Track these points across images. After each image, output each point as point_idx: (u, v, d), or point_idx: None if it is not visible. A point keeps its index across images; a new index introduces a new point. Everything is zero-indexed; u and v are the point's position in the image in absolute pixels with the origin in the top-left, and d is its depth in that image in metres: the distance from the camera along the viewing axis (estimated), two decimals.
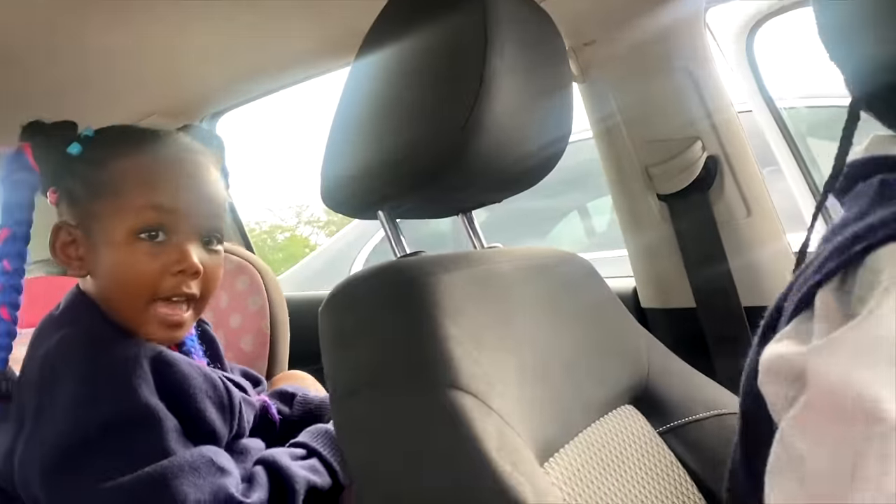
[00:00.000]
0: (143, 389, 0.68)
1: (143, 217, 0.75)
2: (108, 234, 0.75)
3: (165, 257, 0.75)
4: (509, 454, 0.56)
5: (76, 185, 0.78)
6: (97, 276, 0.77)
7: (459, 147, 0.66)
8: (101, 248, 0.75)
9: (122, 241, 0.75)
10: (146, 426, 0.67)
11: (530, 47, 0.73)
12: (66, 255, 0.78)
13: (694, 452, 0.83)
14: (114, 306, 0.77)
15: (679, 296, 1.28)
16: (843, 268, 0.36)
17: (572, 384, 0.75)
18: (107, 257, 0.75)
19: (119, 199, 0.75)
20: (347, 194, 0.77)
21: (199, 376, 0.74)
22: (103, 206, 0.76)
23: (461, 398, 0.57)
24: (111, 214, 0.75)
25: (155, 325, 0.76)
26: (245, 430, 0.81)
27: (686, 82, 1.15)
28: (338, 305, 0.67)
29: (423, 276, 0.66)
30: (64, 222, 0.78)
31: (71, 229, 0.77)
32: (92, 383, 0.68)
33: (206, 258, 0.79)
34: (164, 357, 0.72)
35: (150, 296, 0.75)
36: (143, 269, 0.75)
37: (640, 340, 0.90)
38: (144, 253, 0.75)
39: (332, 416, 0.64)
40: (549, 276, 0.83)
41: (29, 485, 0.67)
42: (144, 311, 0.76)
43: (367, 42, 0.75)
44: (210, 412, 0.74)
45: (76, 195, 0.78)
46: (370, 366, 0.62)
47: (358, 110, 0.75)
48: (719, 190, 1.21)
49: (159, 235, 0.75)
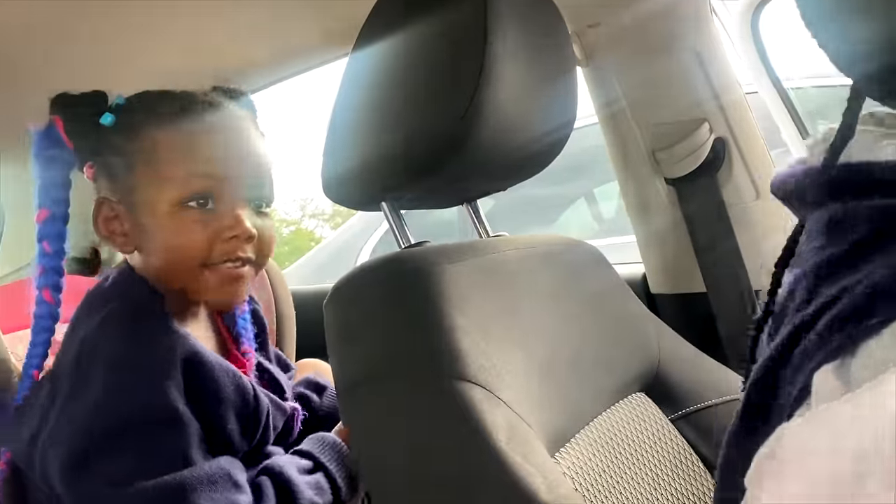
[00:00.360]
0: (173, 391, 0.67)
1: (189, 185, 0.72)
2: (153, 205, 0.73)
3: (217, 224, 0.73)
4: (519, 445, 0.55)
5: (113, 158, 0.75)
6: (145, 250, 0.75)
7: (461, 135, 0.65)
8: (147, 220, 0.73)
9: (169, 212, 0.72)
10: (171, 429, 0.66)
11: (532, 32, 0.71)
12: (109, 231, 0.76)
13: (706, 439, 0.82)
14: (167, 277, 0.75)
15: (689, 281, 1.27)
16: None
17: (582, 373, 0.75)
18: (155, 229, 0.73)
19: (160, 168, 0.73)
20: (350, 187, 0.76)
21: (230, 385, 0.72)
22: (144, 177, 0.73)
23: (470, 390, 0.56)
24: (153, 185, 0.73)
25: (214, 286, 0.74)
26: (270, 438, 0.79)
27: (692, 63, 1.13)
28: (342, 298, 0.66)
29: (427, 266, 0.65)
30: (104, 197, 0.76)
31: (112, 204, 0.75)
32: (125, 376, 0.67)
33: (259, 222, 0.76)
34: (200, 359, 0.70)
35: (202, 262, 0.73)
36: (195, 237, 0.72)
37: (649, 327, 0.89)
38: (194, 221, 0.72)
39: (340, 410, 0.63)
40: (556, 264, 0.82)
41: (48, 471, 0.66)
42: (200, 276, 0.74)
43: (364, 32, 0.74)
44: (232, 424, 0.72)
45: (114, 168, 0.75)
46: (376, 358, 0.62)
47: (358, 102, 0.74)
48: (727, 172, 1.19)
49: (209, 203, 0.73)
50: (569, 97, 0.79)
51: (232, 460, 0.70)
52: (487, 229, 0.92)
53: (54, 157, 0.75)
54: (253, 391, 0.75)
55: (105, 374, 0.66)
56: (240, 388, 0.73)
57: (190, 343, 0.71)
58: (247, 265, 0.76)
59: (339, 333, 0.65)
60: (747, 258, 1.18)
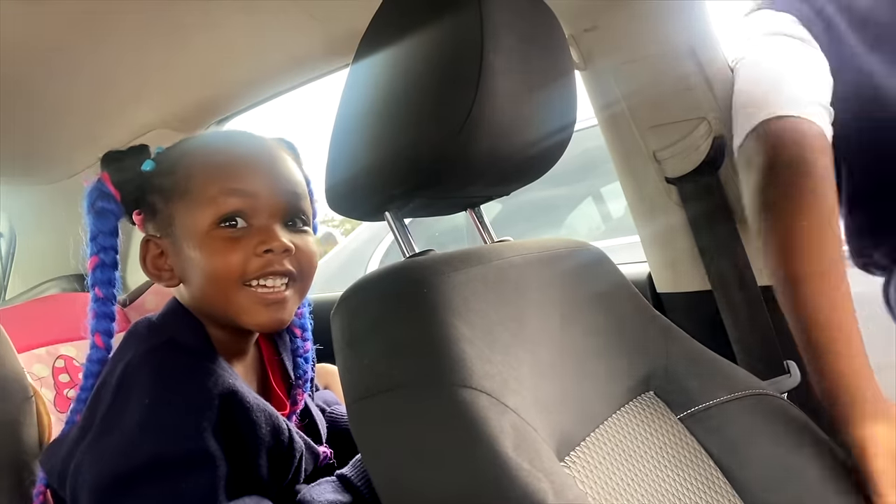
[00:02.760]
0: (207, 431, 0.67)
1: (218, 206, 0.74)
2: (189, 231, 0.75)
3: (248, 240, 0.74)
4: (526, 451, 0.55)
5: (154, 198, 0.79)
6: (188, 278, 0.78)
7: (462, 143, 0.65)
8: (185, 247, 0.76)
9: (203, 234, 0.74)
10: (201, 469, 0.66)
11: (529, 37, 0.72)
12: (157, 269, 0.80)
13: (716, 436, 0.82)
14: (209, 301, 0.77)
15: (694, 279, 1.27)
16: None
17: (590, 376, 0.75)
18: (192, 254, 0.75)
19: (192, 194, 0.76)
20: (353, 197, 0.77)
21: (266, 425, 0.73)
22: (179, 206, 0.76)
23: (475, 397, 0.57)
24: (187, 211, 0.76)
25: (254, 308, 0.75)
26: (301, 479, 0.80)
27: (689, 63, 1.14)
28: (349, 309, 0.67)
29: (431, 275, 0.65)
30: (151, 236, 0.79)
31: (157, 241, 0.79)
32: (160, 412, 0.67)
33: (295, 238, 0.77)
34: (238, 398, 0.71)
35: (239, 279, 0.74)
36: (229, 255, 0.74)
37: (656, 326, 0.89)
38: (226, 239, 0.74)
39: (349, 420, 0.64)
40: (560, 267, 0.82)
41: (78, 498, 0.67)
42: (238, 296, 0.75)
43: (363, 43, 0.75)
44: (263, 465, 0.73)
45: (156, 207, 0.79)
46: (383, 369, 0.62)
47: (358, 112, 0.74)
48: (729, 170, 1.19)
49: (238, 222, 0.75)
50: (568, 101, 0.80)
51: (259, 500, 0.71)
52: (492, 235, 0.93)
53: (104, 208, 0.79)
54: (288, 433, 0.76)
55: (140, 409, 0.67)
56: (276, 430, 0.74)
57: (230, 381, 0.72)
58: (289, 286, 0.77)
59: (346, 344, 0.65)
60: (751, 255, 1.19)
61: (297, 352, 0.91)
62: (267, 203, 0.76)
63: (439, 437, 0.57)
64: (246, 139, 0.81)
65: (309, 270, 0.79)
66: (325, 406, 0.99)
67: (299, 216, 0.80)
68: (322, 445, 0.87)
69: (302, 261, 0.78)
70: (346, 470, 0.82)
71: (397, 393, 0.60)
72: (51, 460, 0.74)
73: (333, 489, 0.80)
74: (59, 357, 1.14)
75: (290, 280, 0.77)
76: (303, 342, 0.92)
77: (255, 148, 0.80)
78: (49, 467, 0.74)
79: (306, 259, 0.78)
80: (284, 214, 0.78)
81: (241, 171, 0.76)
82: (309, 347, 0.93)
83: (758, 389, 0.86)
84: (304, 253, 0.78)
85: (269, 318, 0.76)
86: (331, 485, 0.81)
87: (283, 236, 0.75)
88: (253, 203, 0.75)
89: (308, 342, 0.93)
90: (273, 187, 0.77)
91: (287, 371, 0.89)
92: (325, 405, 0.99)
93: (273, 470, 0.74)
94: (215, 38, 1.14)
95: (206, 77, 1.29)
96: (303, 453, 0.78)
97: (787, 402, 0.86)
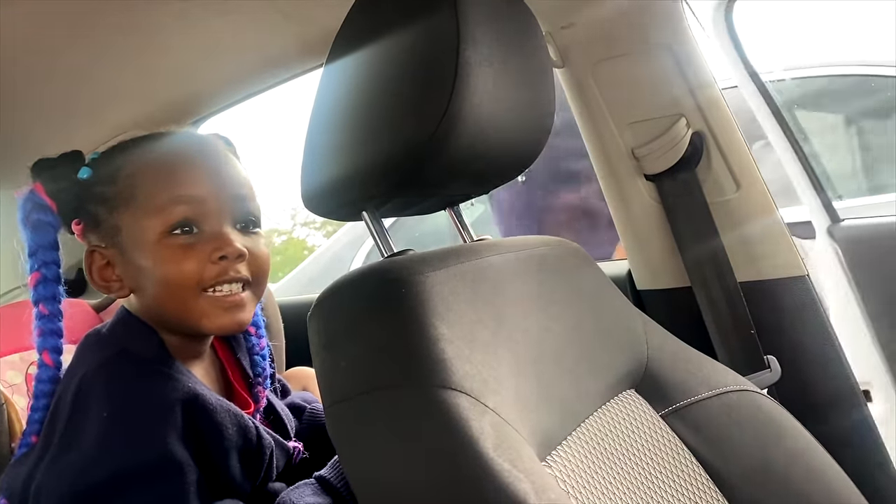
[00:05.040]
0: (171, 437, 0.65)
1: (168, 215, 0.72)
2: (138, 241, 0.73)
3: (203, 245, 0.73)
4: (507, 451, 0.55)
5: (96, 208, 0.76)
6: (139, 288, 0.75)
7: (439, 140, 0.65)
8: (135, 257, 0.73)
9: (154, 243, 0.72)
10: (168, 477, 0.65)
11: (505, 35, 0.71)
12: (104, 280, 0.76)
13: (698, 433, 0.82)
14: (165, 310, 0.75)
15: (673, 276, 1.28)
16: None
17: (570, 374, 0.75)
18: (143, 264, 0.73)
19: (138, 202, 0.73)
20: (329, 197, 0.76)
21: (231, 426, 0.72)
22: (125, 215, 0.74)
23: (455, 398, 0.56)
24: (135, 221, 0.73)
25: (213, 312, 0.73)
26: (273, 476, 0.79)
27: (666, 60, 1.14)
28: (325, 311, 0.66)
29: (409, 275, 0.65)
30: (94, 246, 0.76)
31: (102, 251, 0.76)
32: (120, 424, 0.65)
33: (248, 241, 0.76)
34: (201, 401, 0.70)
35: (196, 286, 0.72)
36: (184, 263, 0.72)
37: (637, 323, 0.89)
38: (178, 247, 0.72)
39: (327, 422, 0.63)
40: (540, 265, 0.82)
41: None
42: (197, 302, 0.73)
43: (337, 42, 0.74)
44: (234, 465, 0.72)
45: (98, 217, 0.76)
46: (361, 370, 0.61)
47: (333, 112, 0.74)
48: (707, 166, 1.20)
49: (192, 229, 0.73)
50: (546, 98, 0.80)
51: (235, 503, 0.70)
52: (471, 234, 0.92)
53: (40, 220, 0.75)
54: (256, 431, 0.75)
55: (98, 423, 0.65)
56: (243, 430, 0.73)
57: (190, 385, 0.70)
58: (245, 289, 0.76)
59: (323, 347, 0.64)
60: (730, 251, 1.19)
61: (254, 349, 0.89)
62: (217, 207, 0.74)
63: (419, 439, 0.57)
64: (189, 140, 0.79)
65: (264, 273, 0.78)
66: (305, 404, 0.98)
67: (250, 218, 0.78)
68: (291, 440, 0.86)
69: (256, 265, 0.77)
70: (324, 471, 0.81)
71: (376, 395, 0.60)
72: (10, 483, 0.70)
73: (313, 492, 0.79)
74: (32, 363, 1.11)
75: (246, 284, 0.76)
76: (258, 339, 0.90)
77: (200, 150, 0.78)
78: (9, 491, 0.70)
79: (260, 262, 0.77)
80: (236, 217, 0.76)
81: (188, 176, 0.74)
82: (264, 344, 0.91)
83: (738, 385, 0.86)
84: (258, 256, 0.77)
85: (231, 321, 0.75)
86: (310, 487, 0.79)
87: (236, 241, 0.74)
88: (203, 209, 0.73)
89: (263, 339, 0.91)
90: (223, 190, 0.75)
91: (245, 370, 0.88)
92: (305, 402, 0.98)
93: (245, 470, 0.73)
94: (189, 37, 1.12)
95: (180, 77, 1.28)
96: (273, 450, 0.77)
97: (767, 397, 0.87)
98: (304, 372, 1.15)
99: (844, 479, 0.81)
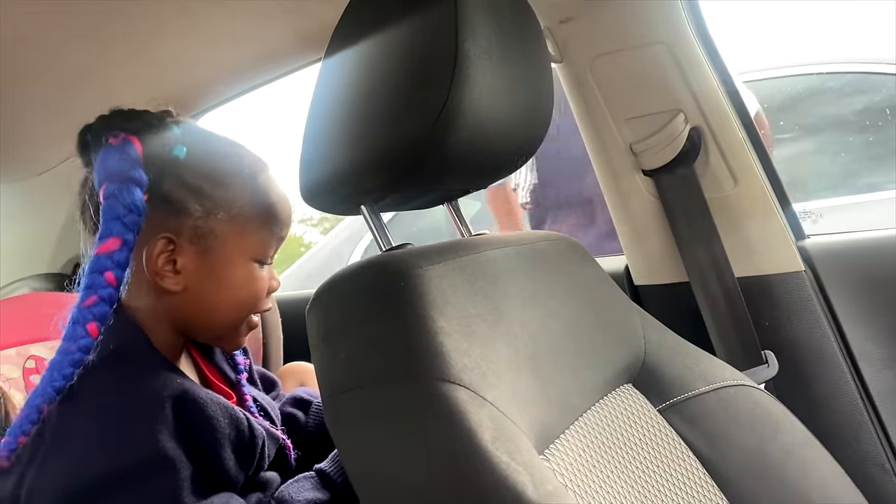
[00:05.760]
0: (163, 434, 0.65)
1: (264, 249, 0.79)
2: (229, 255, 0.75)
3: (269, 282, 0.80)
4: (505, 444, 0.55)
5: (186, 196, 0.73)
6: (196, 291, 0.75)
7: (438, 136, 0.64)
8: (219, 267, 0.75)
9: (241, 263, 0.77)
10: (161, 475, 0.64)
11: (504, 30, 0.71)
12: (160, 268, 0.73)
13: (695, 428, 0.82)
14: (201, 320, 0.77)
15: (671, 271, 1.28)
16: None
17: (568, 368, 0.75)
18: (225, 276, 0.76)
19: (243, 224, 0.76)
20: (327, 191, 0.75)
21: (223, 418, 0.72)
22: (226, 225, 0.75)
23: (453, 391, 0.56)
24: (235, 237, 0.76)
25: (244, 334, 0.81)
26: (265, 466, 0.79)
27: (664, 55, 1.14)
28: (323, 304, 0.66)
29: (407, 269, 0.65)
30: (169, 235, 0.73)
31: (177, 242, 0.73)
32: (111, 423, 0.65)
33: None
34: (191, 396, 0.69)
35: (250, 311, 0.79)
36: (257, 290, 0.78)
37: (635, 318, 0.89)
38: (257, 276, 0.78)
39: (325, 415, 0.63)
40: (539, 260, 0.82)
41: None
42: (241, 326, 0.80)
43: (336, 35, 0.74)
44: (228, 458, 0.72)
45: (186, 207, 0.73)
46: (359, 364, 0.61)
47: (331, 106, 0.73)
48: (705, 162, 1.20)
49: (265, 263, 0.80)
50: (544, 93, 0.79)
51: (229, 496, 0.70)
52: (469, 228, 0.92)
53: (135, 178, 0.70)
54: (247, 421, 0.75)
55: (89, 422, 0.65)
56: (234, 421, 0.73)
57: (178, 381, 0.70)
58: None
59: (322, 339, 0.64)
60: (728, 245, 1.19)
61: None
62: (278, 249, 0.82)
63: (417, 432, 0.57)
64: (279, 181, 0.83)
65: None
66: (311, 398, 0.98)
67: None
68: (278, 429, 0.86)
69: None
70: (324, 465, 0.81)
71: (374, 388, 0.60)
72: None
73: (313, 486, 0.79)
74: (29, 357, 1.12)
75: None
76: None
77: (286, 194, 0.83)
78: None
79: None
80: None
81: (286, 217, 0.81)
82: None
83: (736, 380, 0.86)
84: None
85: (241, 344, 0.83)
86: (310, 481, 0.80)
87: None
88: (277, 249, 0.82)
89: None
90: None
91: (219, 364, 0.88)
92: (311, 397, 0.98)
93: (239, 461, 0.73)
94: (188, 31, 1.12)
95: (179, 71, 1.27)
96: (264, 439, 0.78)
97: (765, 392, 0.87)
98: (301, 367, 1.15)
99: (840, 474, 0.82)
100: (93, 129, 0.74)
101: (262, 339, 1.37)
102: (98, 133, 0.73)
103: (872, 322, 1.14)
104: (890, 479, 1.11)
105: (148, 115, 0.74)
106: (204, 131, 0.81)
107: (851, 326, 1.14)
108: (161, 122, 0.75)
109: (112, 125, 0.73)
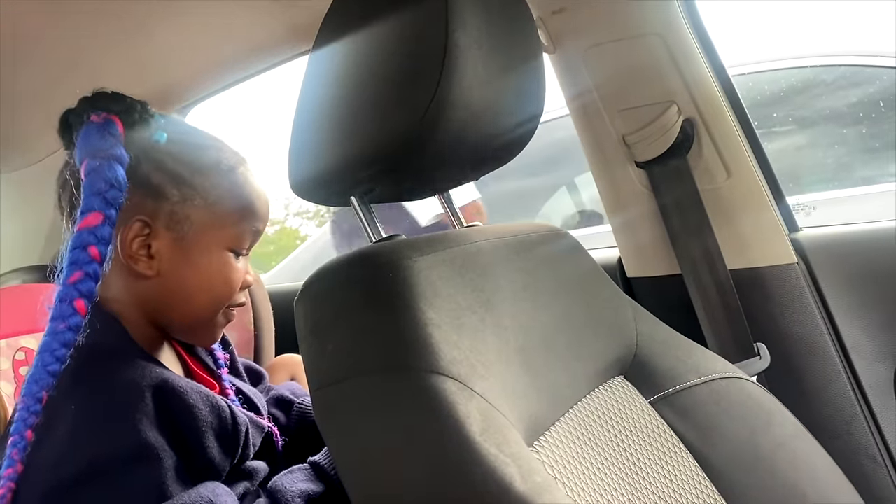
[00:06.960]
0: (144, 424, 0.65)
1: (242, 238, 0.78)
2: (203, 242, 0.75)
3: (245, 274, 0.80)
4: (493, 436, 0.54)
5: (163, 180, 0.73)
6: (170, 278, 0.74)
7: (428, 126, 0.64)
8: (193, 253, 0.74)
9: (216, 252, 0.76)
10: (144, 465, 0.64)
11: (495, 20, 0.71)
12: (135, 251, 0.72)
13: (686, 420, 0.82)
14: (175, 308, 0.76)
15: (664, 263, 1.27)
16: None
17: (559, 360, 0.74)
18: (199, 262, 0.75)
19: (219, 212, 0.75)
20: (318, 183, 0.75)
21: (204, 406, 0.71)
22: (202, 213, 0.74)
23: (442, 383, 0.56)
24: (210, 225, 0.75)
25: (217, 330, 0.80)
26: (250, 455, 0.79)
27: (658, 46, 1.13)
28: (312, 296, 0.66)
29: (397, 260, 0.64)
30: (144, 218, 0.72)
31: (152, 226, 0.73)
32: (91, 416, 0.64)
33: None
34: (171, 385, 0.69)
35: (227, 304, 0.79)
36: (232, 281, 0.77)
37: (627, 311, 0.89)
38: (232, 266, 0.77)
39: (313, 407, 0.62)
40: (530, 252, 0.81)
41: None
42: (216, 318, 0.79)
43: (324, 26, 0.73)
44: (211, 446, 0.71)
45: (163, 192, 0.73)
46: (348, 355, 0.61)
47: (321, 96, 0.73)
48: (698, 153, 1.19)
49: (240, 254, 0.79)
50: (537, 84, 0.79)
51: (215, 485, 0.69)
52: (461, 219, 0.92)
53: (116, 155, 0.69)
54: (230, 409, 0.74)
55: (67, 416, 0.64)
56: (216, 409, 0.73)
57: (157, 371, 0.69)
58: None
59: (311, 331, 0.64)
60: (721, 237, 1.19)
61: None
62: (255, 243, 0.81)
63: (405, 424, 0.56)
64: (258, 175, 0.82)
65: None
66: (293, 397, 0.97)
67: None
68: (265, 418, 0.86)
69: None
70: (318, 457, 0.81)
71: (362, 379, 0.59)
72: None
73: (306, 477, 0.78)
74: (19, 349, 1.11)
75: None
76: None
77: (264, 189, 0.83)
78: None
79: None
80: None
81: (263, 212, 0.81)
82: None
83: (728, 373, 0.86)
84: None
85: (217, 338, 0.83)
86: (303, 473, 0.79)
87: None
88: (253, 242, 0.81)
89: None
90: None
91: (200, 355, 0.88)
92: (293, 396, 0.98)
93: (223, 449, 0.73)
94: (176, 22, 1.11)
95: (166, 63, 1.27)
96: (248, 427, 0.77)
97: (757, 384, 0.87)
98: (293, 359, 1.14)
99: (832, 466, 0.82)
100: (75, 111, 0.74)
101: (253, 331, 1.37)
102: (80, 113, 0.73)
103: (865, 315, 1.14)
104: (881, 470, 1.11)
105: (131, 100, 0.74)
106: (185, 123, 0.82)
107: (844, 319, 1.14)
108: (144, 107, 0.75)
109: (95, 105, 0.73)
